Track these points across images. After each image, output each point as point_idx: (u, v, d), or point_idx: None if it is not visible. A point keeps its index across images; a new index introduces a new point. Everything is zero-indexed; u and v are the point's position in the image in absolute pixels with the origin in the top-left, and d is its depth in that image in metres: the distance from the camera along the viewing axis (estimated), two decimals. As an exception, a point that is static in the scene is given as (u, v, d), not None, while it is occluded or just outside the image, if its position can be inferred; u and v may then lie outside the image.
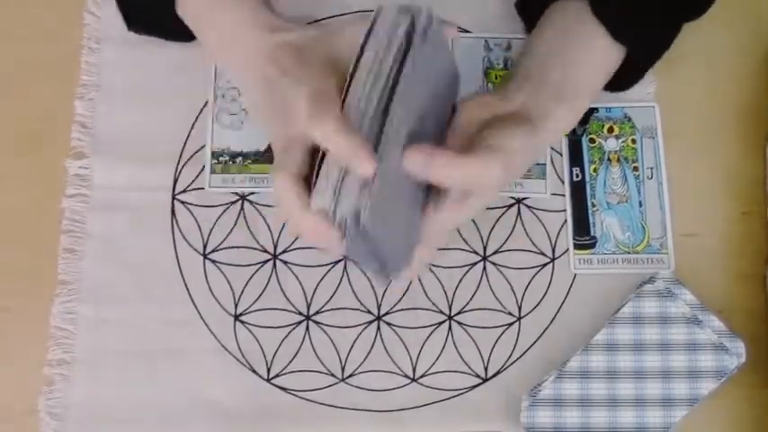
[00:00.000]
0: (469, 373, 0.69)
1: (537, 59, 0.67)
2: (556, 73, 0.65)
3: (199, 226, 0.71)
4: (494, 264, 0.71)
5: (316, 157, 0.57)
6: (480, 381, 0.69)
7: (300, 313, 0.70)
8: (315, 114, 0.56)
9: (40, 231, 0.71)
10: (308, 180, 0.57)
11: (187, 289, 0.70)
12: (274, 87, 0.61)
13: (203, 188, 0.72)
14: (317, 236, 0.57)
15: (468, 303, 0.70)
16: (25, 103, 0.74)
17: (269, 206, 0.71)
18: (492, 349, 0.69)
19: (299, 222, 0.57)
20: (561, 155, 0.73)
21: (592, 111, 0.73)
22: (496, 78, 0.74)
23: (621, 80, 0.68)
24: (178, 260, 0.70)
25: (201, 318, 0.69)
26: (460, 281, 0.70)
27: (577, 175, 0.72)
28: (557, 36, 0.67)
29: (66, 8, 0.75)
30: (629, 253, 0.70)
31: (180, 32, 0.68)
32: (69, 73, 0.74)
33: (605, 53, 0.66)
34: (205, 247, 0.71)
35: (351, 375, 0.69)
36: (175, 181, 0.72)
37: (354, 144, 0.54)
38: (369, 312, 0.70)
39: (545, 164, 0.72)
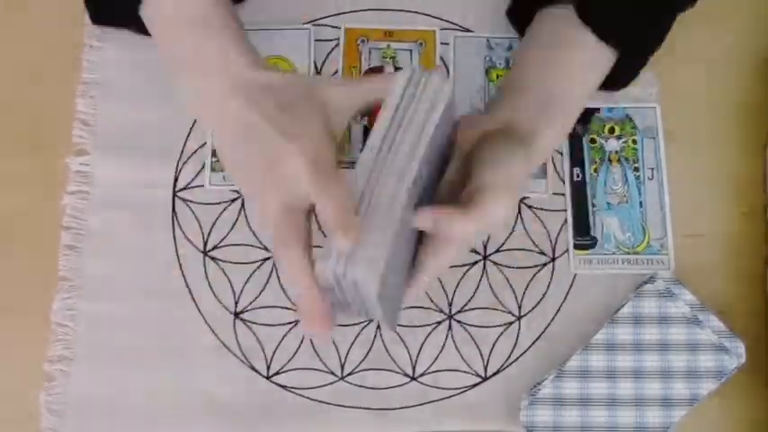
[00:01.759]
0: (469, 372, 0.69)
1: (525, 71, 0.67)
2: (544, 84, 0.65)
3: (199, 223, 0.71)
4: (494, 263, 0.71)
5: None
6: (480, 380, 0.69)
7: (300, 311, 0.70)
8: (319, 182, 0.56)
9: (42, 230, 0.71)
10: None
11: (187, 286, 0.70)
12: (256, 135, 0.59)
13: (203, 186, 0.72)
14: (320, 312, 0.57)
15: (468, 302, 0.70)
16: (26, 101, 0.74)
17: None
18: (492, 348, 0.69)
19: (308, 298, 0.57)
20: (562, 154, 0.73)
21: (593, 111, 0.73)
22: (497, 77, 0.74)
23: (616, 79, 0.68)
24: (178, 257, 0.70)
25: (201, 315, 0.69)
26: (461, 280, 0.70)
27: (578, 175, 0.72)
28: (543, 45, 0.67)
29: (68, 7, 0.75)
30: (629, 253, 0.70)
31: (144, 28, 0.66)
32: (71, 71, 0.74)
33: (594, 56, 0.65)
34: (205, 244, 0.71)
35: (350, 373, 0.69)
36: (176, 178, 0.72)
37: (352, 224, 0.54)
38: (369, 311, 0.70)
39: (545, 163, 0.72)
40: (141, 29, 0.66)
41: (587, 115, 0.73)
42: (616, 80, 0.68)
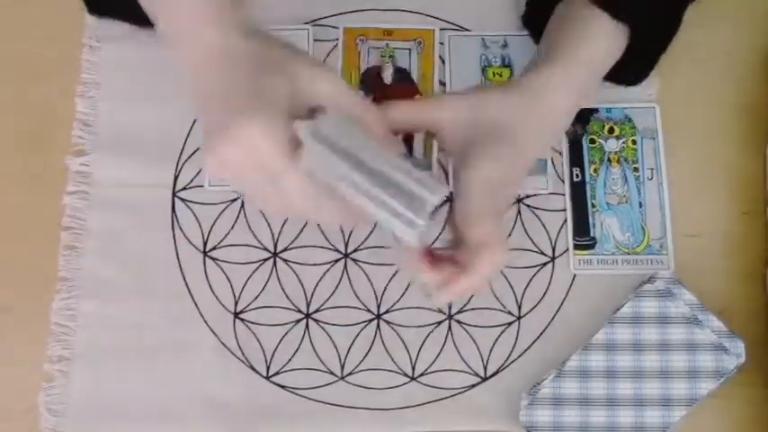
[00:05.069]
0: (469, 372, 0.69)
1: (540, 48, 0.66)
2: (552, 43, 0.64)
3: (199, 223, 0.71)
4: (494, 263, 0.71)
5: None
6: (480, 380, 0.69)
7: (300, 311, 0.70)
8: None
9: (42, 230, 0.71)
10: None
11: (187, 286, 0.70)
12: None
13: (203, 186, 0.72)
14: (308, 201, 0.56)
15: (467, 302, 0.70)
16: (26, 101, 0.74)
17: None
18: (491, 348, 0.69)
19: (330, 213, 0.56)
20: (561, 155, 0.73)
21: (592, 111, 0.73)
22: (494, 75, 0.74)
23: (630, 71, 0.67)
24: (178, 257, 0.70)
25: (201, 315, 0.69)
26: (460, 279, 0.70)
27: (577, 176, 0.72)
28: (556, 25, 0.66)
29: (67, 7, 0.75)
30: (628, 254, 0.70)
31: (142, 16, 0.63)
32: (70, 72, 0.74)
33: (605, 33, 0.63)
34: (205, 244, 0.71)
35: (350, 374, 0.69)
36: (176, 178, 0.72)
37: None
38: (368, 311, 0.70)
39: (545, 160, 0.72)
40: (137, 18, 0.64)
41: (586, 115, 0.73)
42: (631, 72, 0.67)
